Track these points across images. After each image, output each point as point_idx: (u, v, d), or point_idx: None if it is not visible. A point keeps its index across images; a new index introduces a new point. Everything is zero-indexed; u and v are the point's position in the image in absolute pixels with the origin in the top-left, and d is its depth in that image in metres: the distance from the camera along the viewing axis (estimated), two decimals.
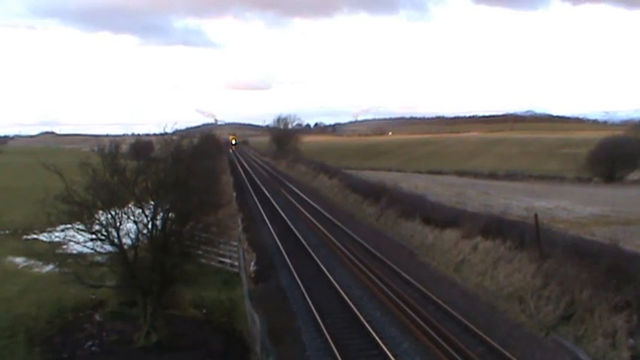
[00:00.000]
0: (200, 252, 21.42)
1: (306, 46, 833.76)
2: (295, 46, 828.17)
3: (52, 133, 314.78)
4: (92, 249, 16.02)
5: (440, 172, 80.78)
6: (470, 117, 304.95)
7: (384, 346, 14.33)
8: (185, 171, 17.37)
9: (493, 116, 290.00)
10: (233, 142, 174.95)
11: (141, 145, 69.05)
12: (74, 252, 18.55)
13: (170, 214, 16.40)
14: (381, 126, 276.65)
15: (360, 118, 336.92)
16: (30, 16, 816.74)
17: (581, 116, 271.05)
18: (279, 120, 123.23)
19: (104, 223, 15.48)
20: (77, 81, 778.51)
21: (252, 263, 22.37)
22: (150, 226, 15.96)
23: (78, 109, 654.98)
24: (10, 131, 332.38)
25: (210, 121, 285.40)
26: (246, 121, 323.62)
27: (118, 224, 15.51)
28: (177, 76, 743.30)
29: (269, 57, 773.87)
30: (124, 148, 49.59)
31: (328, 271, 21.75)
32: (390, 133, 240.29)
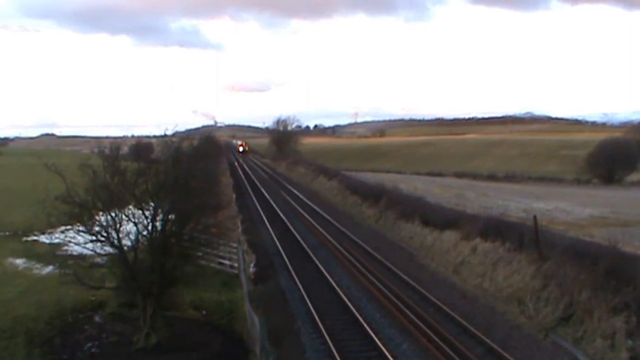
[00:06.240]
0: (200, 253, 21.45)
1: (304, 47, 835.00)
2: (293, 47, 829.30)
3: (52, 134, 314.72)
4: (92, 250, 16.06)
5: (439, 174, 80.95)
6: (469, 119, 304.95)
7: (383, 348, 14.36)
8: (185, 173, 17.43)
9: (492, 118, 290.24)
10: (241, 148, 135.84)
11: (141, 147, 68.98)
12: (74, 253, 18.62)
13: (170, 216, 16.44)
14: (381, 128, 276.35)
15: (359, 120, 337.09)
16: (23, 17, 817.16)
17: (580, 118, 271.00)
18: (278, 122, 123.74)
19: (104, 224, 15.53)
20: (75, 83, 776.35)
21: (252, 265, 22.41)
22: (150, 227, 16.00)
23: (77, 111, 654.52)
24: (10, 133, 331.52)
25: (210, 122, 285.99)
26: (246, 123, 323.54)
27: (118, 226, 15.57)
28: (176, 78, 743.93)
29: (267, 59, 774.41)
30: (125, 149, 49.58)
31: (328, 272, 21.78)
32: (379, 135, 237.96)
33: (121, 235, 15.62)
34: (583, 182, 68.93)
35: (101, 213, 15.87)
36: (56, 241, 22.41)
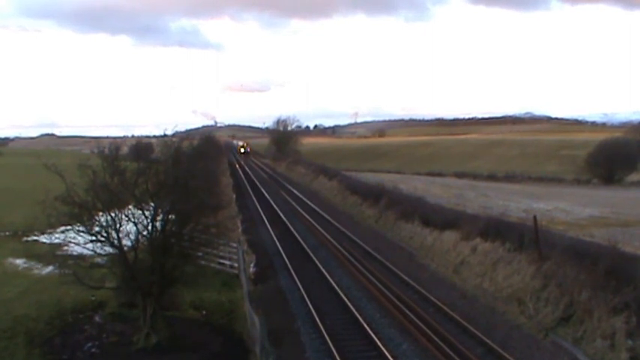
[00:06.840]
0: (200, 253, 21.43)
1: (304, 47, 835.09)
2: (293, 47, 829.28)
3: (52, 134, 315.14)
4: (92, 250, 16.06)
5: (439, 174, 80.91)
6: (469, 119, 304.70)
7: (383, 348, 14.37)
8: (185, 173, 17.41)
9: (492, 118, 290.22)
10: (242, 150, 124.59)
11: (141, 147, 69.04)
12: (74, 253, 18.61)
13: (170, 216, 16.44)
14: (381, 128, 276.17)
15: (359, 120, 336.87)
16: (23, 17, 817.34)
17: (580, 118, 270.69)
18: (278, 122, 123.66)
19: (104, 224, 15.52)
20: (75, 83, 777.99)
21: (252, 265, 22.42)
22: (150, 227, 16.00)
23: (77, 111, 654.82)
24: (10, 133, 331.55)
25: (210, 123, 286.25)
26: (246, 123, 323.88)
27: (118, 226, 15.56)
28: (176, 78, 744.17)
29: (267, 59, 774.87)
30: (125, 149, 49.65)
31: (327, 272, 21.78)
32: (379, 136, 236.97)
33: (121, 235, 15.61)
34: (583, 182, 68.92)
35: (101, 213, 15.86)
36: (56, 241, 22.43)
